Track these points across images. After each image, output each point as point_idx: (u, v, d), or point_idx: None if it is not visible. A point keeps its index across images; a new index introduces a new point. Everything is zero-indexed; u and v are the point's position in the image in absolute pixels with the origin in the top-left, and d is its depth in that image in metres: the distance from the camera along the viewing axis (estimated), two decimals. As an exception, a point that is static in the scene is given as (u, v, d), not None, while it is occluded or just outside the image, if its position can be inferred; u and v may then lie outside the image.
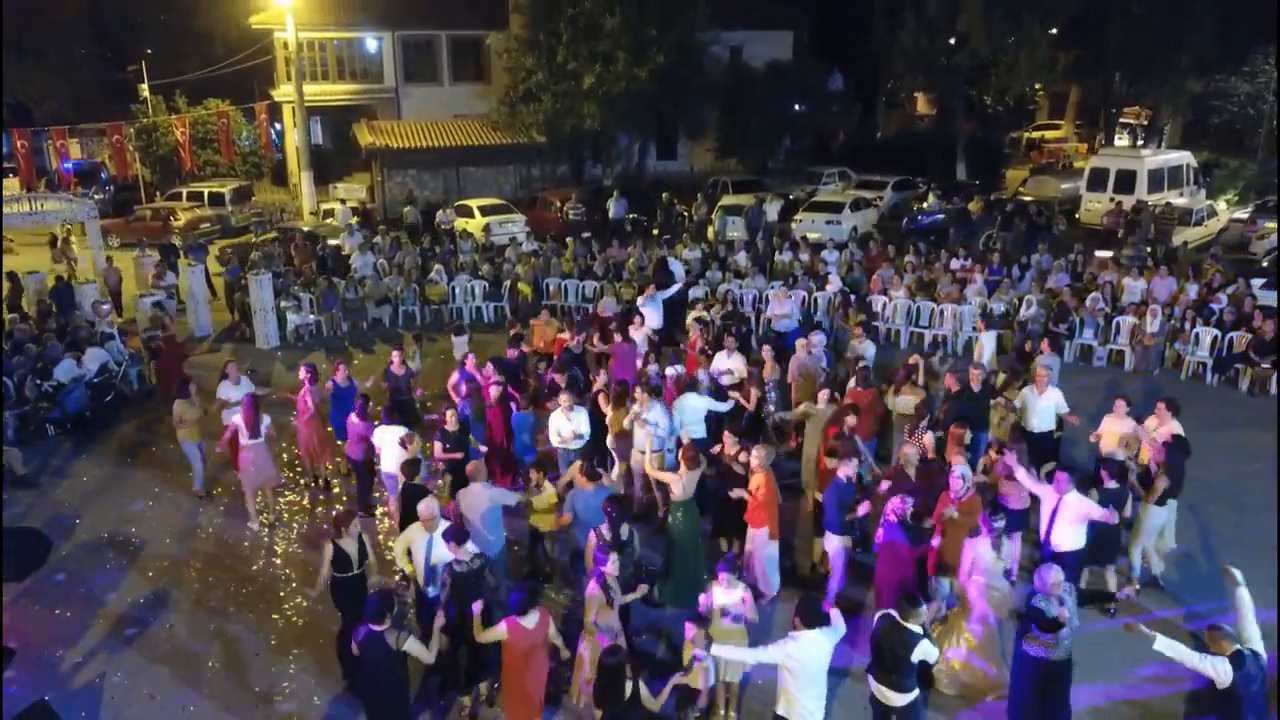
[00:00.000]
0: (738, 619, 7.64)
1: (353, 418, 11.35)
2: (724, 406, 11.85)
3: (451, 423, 10.88)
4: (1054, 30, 34.39)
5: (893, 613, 7.02)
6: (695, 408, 11.53)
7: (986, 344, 15.68)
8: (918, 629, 6.92)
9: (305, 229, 26.57)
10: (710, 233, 27.62)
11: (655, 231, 28.88)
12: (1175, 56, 33.95)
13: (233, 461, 11.95)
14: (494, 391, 12.04)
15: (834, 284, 18.97)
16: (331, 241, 24.08)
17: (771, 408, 12.59)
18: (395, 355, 13.04)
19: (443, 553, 8.08)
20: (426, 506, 8.35)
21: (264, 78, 40.91)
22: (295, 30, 31.68)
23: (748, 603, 7.68)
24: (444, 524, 8.28)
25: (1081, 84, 38.73)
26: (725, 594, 7.63)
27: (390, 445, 10.79)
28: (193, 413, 11.78)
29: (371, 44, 37.00)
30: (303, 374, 12.71)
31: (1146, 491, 9.57)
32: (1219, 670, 6.34)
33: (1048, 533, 8.81)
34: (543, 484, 9.79)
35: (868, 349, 13.81)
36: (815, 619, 6.78)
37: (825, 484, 9.68)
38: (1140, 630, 6.75)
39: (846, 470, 9.08)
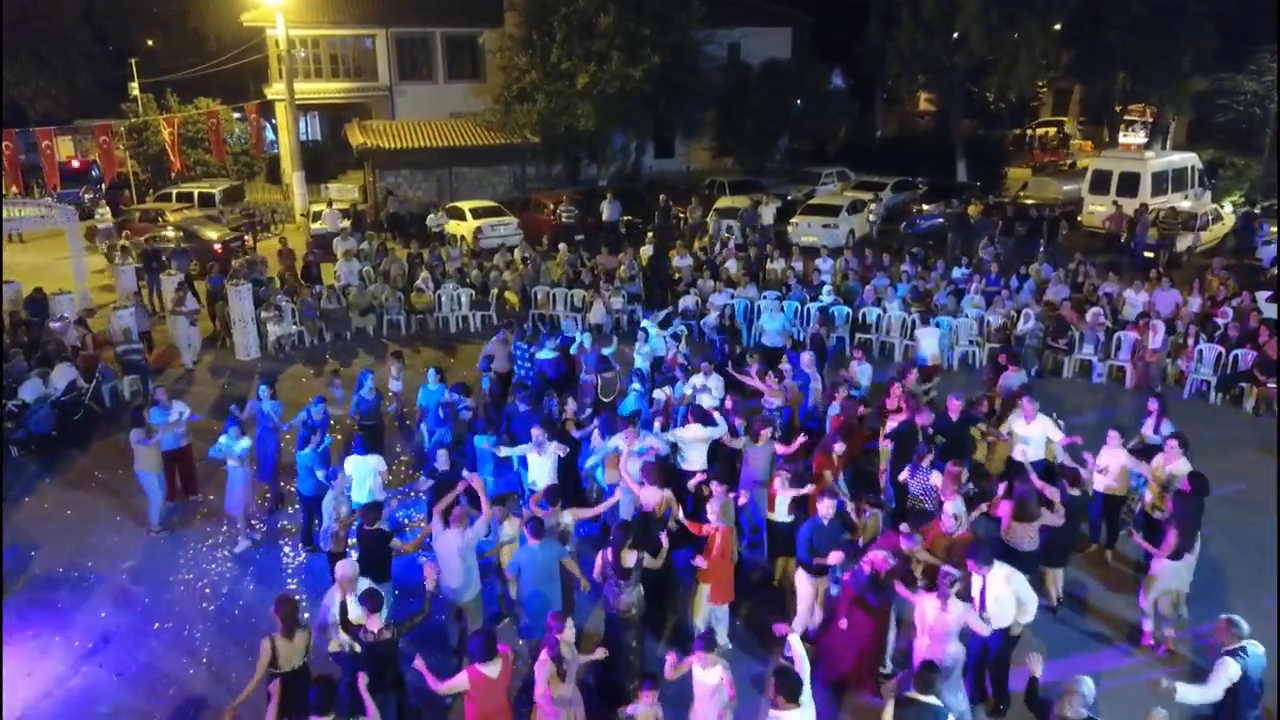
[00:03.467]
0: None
1: (305, 450, 10.84)
2: (719, 431, 11.01)
3: (443, 461, 10.28)
4: (1057, 26, 33.80)
5: (911, 693, 6.59)
6: (695, 438, 10.89)
7: (925, 341, 15.55)
8: (939, 703, 6.52)
9: (201, 228, 25.98)
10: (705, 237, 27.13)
11: (650, 235, 28.39)
12: (1175, 56, 33.29)
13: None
14: (464, 417, 11.63)
15: (827, 296, 18.47)
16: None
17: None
18: (368, 379, 12.56)
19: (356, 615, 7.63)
20: (344, 568, 7.88)
21: (259, 75, 40.50)
22: (286, 28, 31.26)
23: (726, 681, 7.15)
24: (363, 585, 7.86)
25: (1084, 83, 38.02)
26: (703, 674, 7.14)
27: (364, 476, 10.41)
28: (148, 441, 11.32)
29: (365, 41, 36.47)
30: (262, 392, 12.33)
31: (1156, 544, 9.07)
32: (1230, 675, 6.84)
33: (981, 608, 8.03)
34: (505, 521, 9.37)
35: (863, 372, 13.29)
36: (795, 693, 6.35)
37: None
38: (1163, 684, 6.95)
39: (824, 509, 8.60)
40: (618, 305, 19.67)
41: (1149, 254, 23.78)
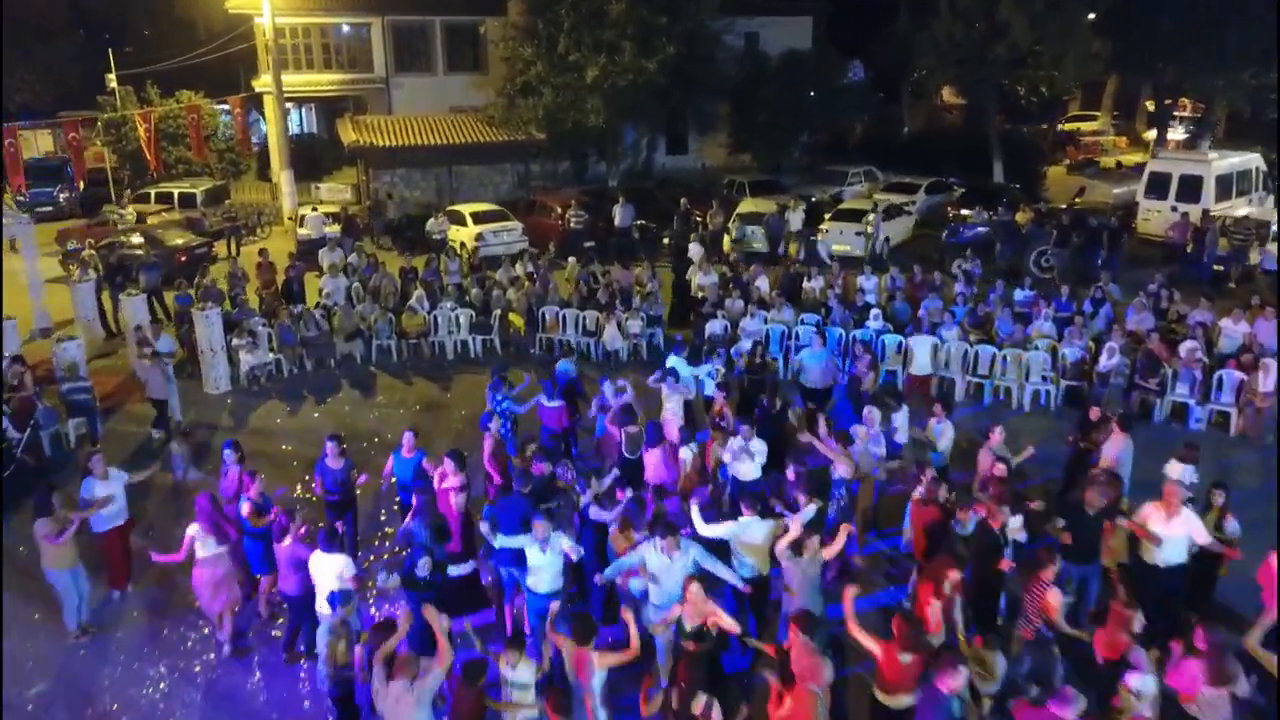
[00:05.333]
0: None
1: (286, 541, 8.65)
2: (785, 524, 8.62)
3: (425, 568, 8.11)
4: (1091, 15, 31.39)
5: None
6: (752, 540, 8.47)
7: (918, 352, 14.47)
8: None
9: (165, 233, 23.82)
10: (726, 243, 24.89)
11: (666, 242, 26.16)
12: (1232, 46, 30.80)
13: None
14: (455, 500, 9.41)
15: (874, 321, 16.18)
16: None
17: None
18: (330, 445, 10.26)
19: None
20: None
21: (251, 67, 38.23)
22: (273, 15, 28.99)
23: None
24: None
25: (1125, 75, 35.42)
26: None
27: (328, 578, 8.24)
28: (57, 531, 9.09)
29: (360, 30, 34.18)
30: (227, 456, 10.15)
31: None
32: None
33: None
34: (518, 664, 7.15)
35: (942, 433, 11.03)
36: None
37: (897, 675, 6.87)
38: None
39: (953, 682, 6.30)
40: (635, 329, 17.46)
41: (1218, 267, 21.59)
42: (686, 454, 10.75)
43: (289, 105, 39.79)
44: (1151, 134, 43.72)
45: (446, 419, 14.95)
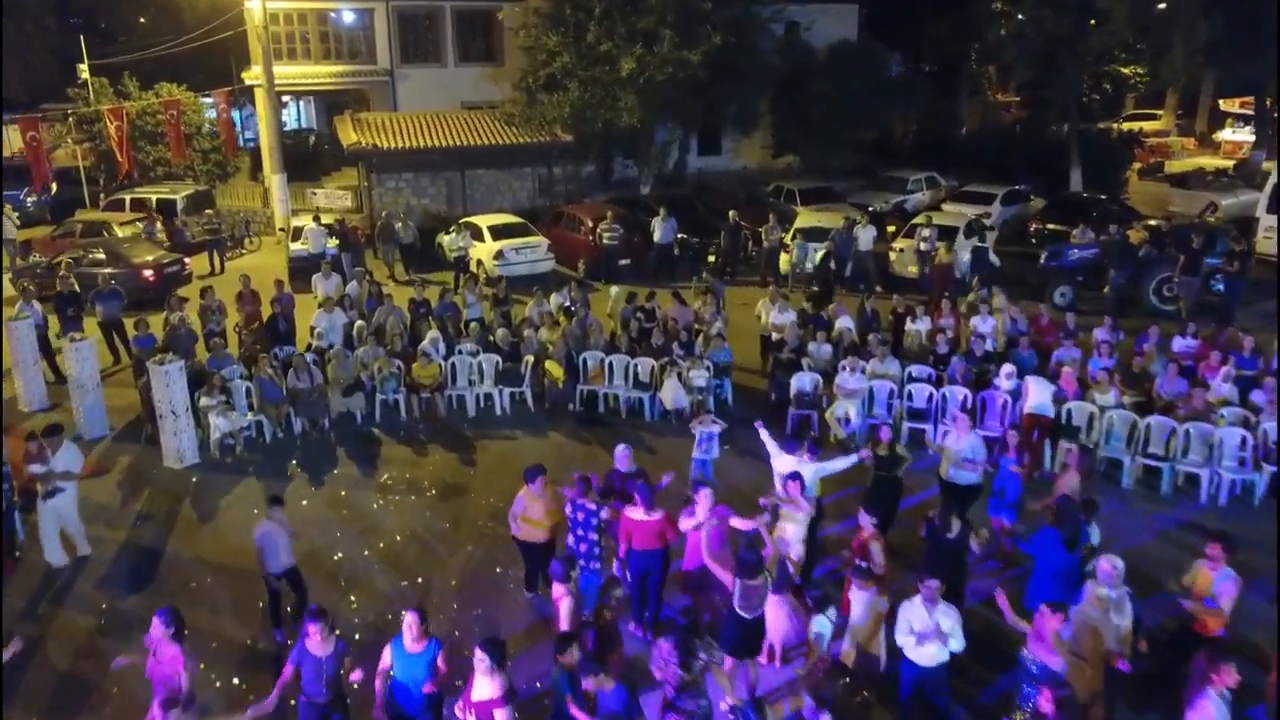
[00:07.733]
0: None
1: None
2: None
3: None
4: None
5: None
6: None
7: (1034, 389, 12.07)
8: None
9: (130, 248, 20.68)
10: (784, 264, 21.56)
11: (712, 259, 22.81)
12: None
13: None
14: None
15: (1007, 380, 12.77)
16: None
17: None
18: (313, 628, 6.78)
19: None
20: None
21: (244, 57, 34.88)
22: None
23: None
24: None
25: (1226, 71, 31.89)
26: None
27: None
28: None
29: (362, 16, 30.77)
30: (156, 629, 6.86)
31: None
32: None
33: None
34: None
35: (1226, 586, 7.57)
36: None
37: None
38: None
39: None
40: (700, 382, 14.05)
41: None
42: (824, 627, 7.39)
43: (286, 99, 36.65)
44: (1225, 134, 40.50)
45: (469, 512, 11.59)
